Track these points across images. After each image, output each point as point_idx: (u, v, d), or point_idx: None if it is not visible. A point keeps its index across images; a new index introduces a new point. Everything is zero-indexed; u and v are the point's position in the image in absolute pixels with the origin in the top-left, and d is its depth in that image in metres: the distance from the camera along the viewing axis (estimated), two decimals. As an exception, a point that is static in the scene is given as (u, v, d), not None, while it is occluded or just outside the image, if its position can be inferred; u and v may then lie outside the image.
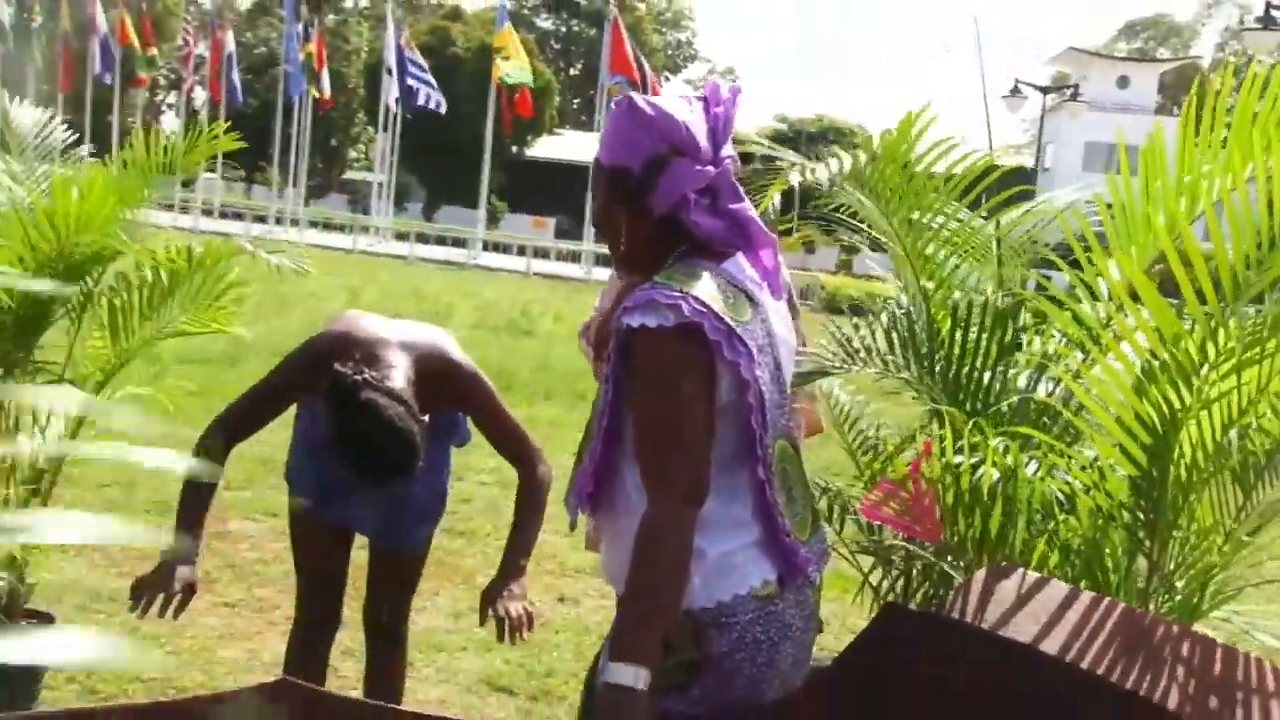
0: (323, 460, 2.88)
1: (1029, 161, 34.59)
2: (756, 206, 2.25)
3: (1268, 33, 16.06)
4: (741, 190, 1.99)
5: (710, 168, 1.94)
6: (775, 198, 2.59)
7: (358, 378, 2.56)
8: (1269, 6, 15.83)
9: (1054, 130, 40.34)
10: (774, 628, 1.95)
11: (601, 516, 2.07)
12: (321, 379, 2.61)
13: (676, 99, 2.01)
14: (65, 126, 3.89)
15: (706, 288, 1.88)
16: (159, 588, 2.64)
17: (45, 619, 3.77)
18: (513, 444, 2.92)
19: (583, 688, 2.30)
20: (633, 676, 1.76)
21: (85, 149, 3.68)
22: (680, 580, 1.84)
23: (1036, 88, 28.67)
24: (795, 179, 2.52)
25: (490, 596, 2.77)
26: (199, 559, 2.78)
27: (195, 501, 2.78)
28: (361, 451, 2.59)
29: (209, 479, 2.77)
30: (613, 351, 1.95)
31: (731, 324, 1.86)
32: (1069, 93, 27.74)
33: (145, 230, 3.55)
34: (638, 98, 1.97)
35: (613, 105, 2.03)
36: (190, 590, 2.71)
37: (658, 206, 1.94)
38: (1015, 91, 28.78)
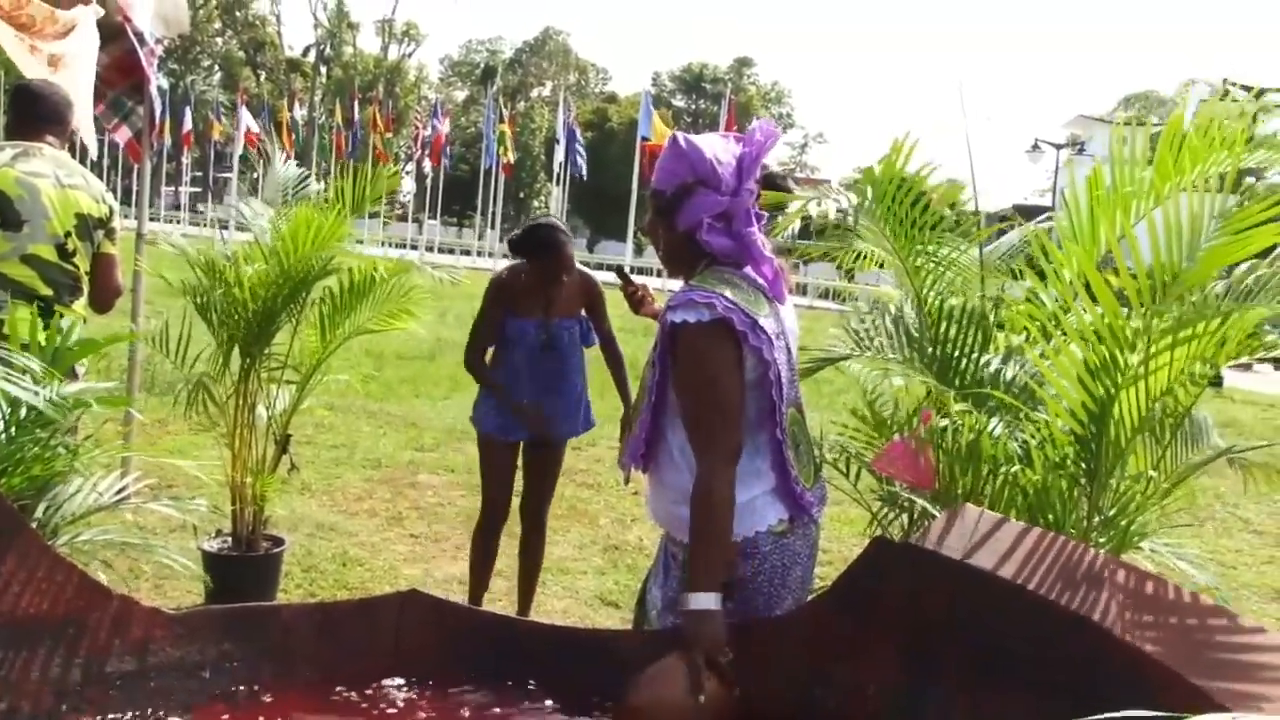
0: (502, 400, 3.43)
1: (1049, 201, 33.50)
2: (772, 231, 2.16)
3: (1229, 104, 16.79)
4: (753, 216, 1.92)
5: (727, 197, 1.87)
6: (795, 224, 2.48)
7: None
8: (1225, 83, 16.56)
9: (1069, 178, 39.09)
10: (786, 556, 1.93)
11: (650, 472, 2.04)
12: (506, 292, 3.37)
13: (716, 137, 1.93)
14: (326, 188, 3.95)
15: (733, 289, 1.85)
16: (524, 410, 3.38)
17: (279, 542, 3.87)
18: (609, 331, 3.54)
19: (635, 602, 2.25)
20: (708, 600, 1.76)
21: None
22: (729, 522, 1.82)
23: (1052, 145, 28.06)
24: (814, 210, 2.43)
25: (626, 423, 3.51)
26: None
27: (489, 378, 3.46)
28: (538, 236, 3.28)
29: (485, 369, 3.47)
30: (660, 340, 1.92)
31: (754, 317, 1.83)
32: (1078, 149, 27.04)
33: (350, 255, 3.61)
34: (681, 136, 1.90)
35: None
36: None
37: (681, 224, 1.90)
38: (1035, 148, 28.11)
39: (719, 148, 1.89)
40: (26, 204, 2.97)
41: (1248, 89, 2.27)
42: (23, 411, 1.98)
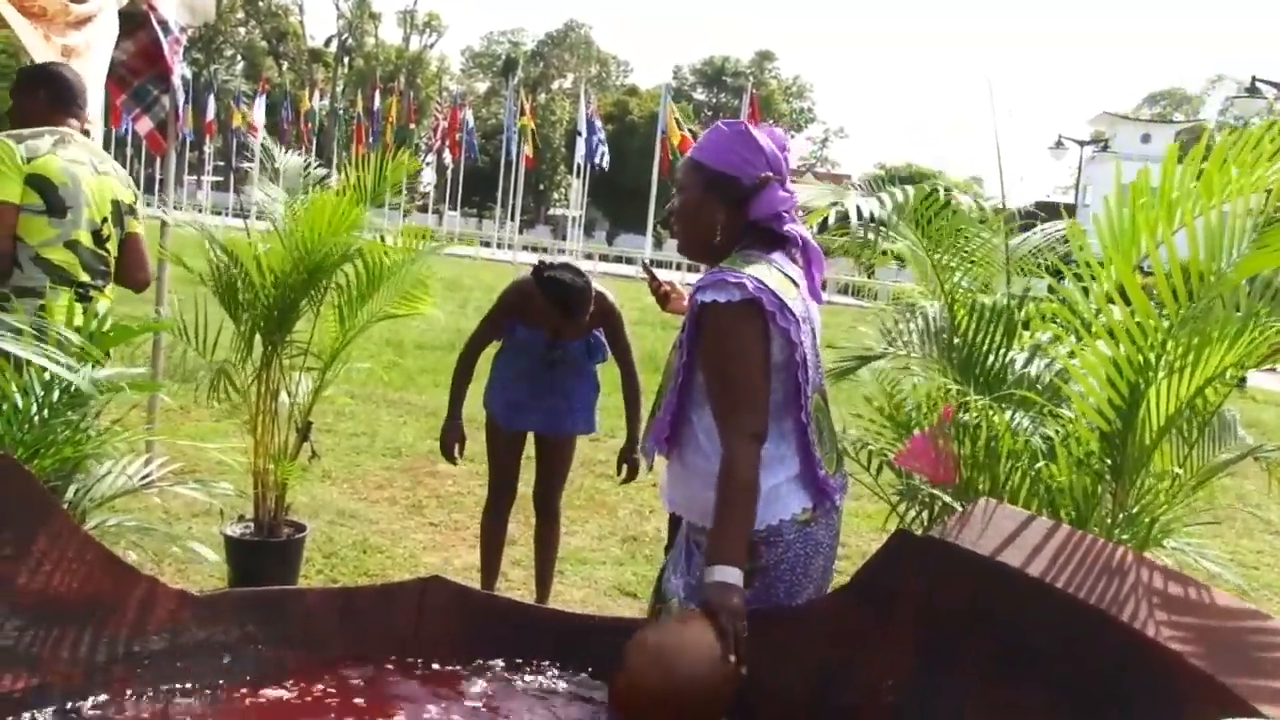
0: (508, 386, 3.53)
1: (1072, 198, 33.37)
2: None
3: (1254, 100, 17.23)
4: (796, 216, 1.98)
5: (789, 195, 1.93)
6: (817, 222, 2.51)
7: (553, 266, 3.25)
8: (1254, 80, 16.96)
9: (1092, 175, 39.19)
10: (809, 545, 1.93)
11: (674, 457, 2.03)
12: (521, 301, 3.35)
13: (769, 136, 1.96)
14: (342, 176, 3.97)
15: (763, 271, 1.87)
16: (452, 439, 3.53)
17: (300, 528, 3.90)
18: (626, 354, 3.50)
19: (652, 591, 2.26)
20: (730, 574, 1.76)
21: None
22: (753, 498, 1.82)
23: (1076, 141, 27.76)
24: (836, 210, 2.46)
25: (623, 456, 3.55)
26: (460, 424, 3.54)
27: (458, 394, 3.55)
28: (561, 292, 3.16)
29: (463, 381, 3.57)
30: (688, 321, 1.92)
31: (782, 299, 1.84)
32: (1102, 146, 26.77)
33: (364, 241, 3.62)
34: (752, 127, 1.93)
35: (722, 124, 1.96)
36: (463, 441, 3.57)
37: (754, 213, 1.91)
38: (1059, 144, 27.84)
39: (775, 147, 1.94)
40: (70, 191, 3.01)
41: (1277, 86, 2.24)
42: (55, 395, 2.01)
